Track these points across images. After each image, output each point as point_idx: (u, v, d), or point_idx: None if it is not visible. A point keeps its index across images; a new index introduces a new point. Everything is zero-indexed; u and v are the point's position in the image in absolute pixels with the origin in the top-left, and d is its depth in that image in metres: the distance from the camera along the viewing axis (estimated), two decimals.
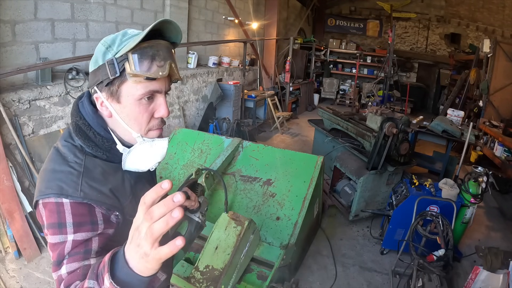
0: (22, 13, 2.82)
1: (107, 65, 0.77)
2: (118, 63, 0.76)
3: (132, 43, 0.74)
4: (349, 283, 2.70)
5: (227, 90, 5.64)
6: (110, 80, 0.77)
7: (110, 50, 0.78)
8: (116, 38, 0.79)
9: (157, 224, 0.51)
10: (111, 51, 0.78)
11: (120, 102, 0.80)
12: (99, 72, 0.78)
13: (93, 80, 0.80)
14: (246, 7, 7.01)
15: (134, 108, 0.81)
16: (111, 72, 0.76)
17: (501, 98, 5.91)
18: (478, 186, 2.80)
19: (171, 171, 2.91)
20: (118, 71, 0.76)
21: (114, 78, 0.77)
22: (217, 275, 1.76)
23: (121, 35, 0.80)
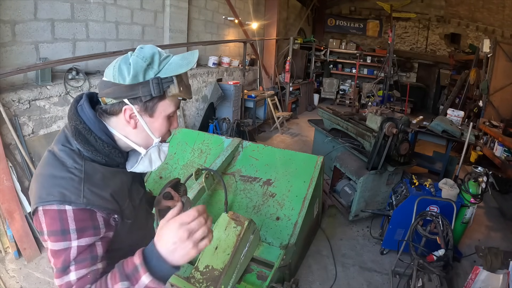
0: (22, 13, 2.82)
1: (151, 84, 0.81)
2: (163, 83, 0.82)
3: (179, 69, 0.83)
4: (349, 283, 2.70)
5: (227, 90, 5.64)
6: (150, 98, 0.82)
7: (151, 68, 0.82)
8: (155, 57, 0.83)
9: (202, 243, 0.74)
10: (152, 70, 0.82)
11: (152, 117, 0.87)
12: (139, 87, 0.81)
13: (126, 93, 0.81)
14: (246, 7, 7.01)
15: (162, 122, 0.89)
16: (155, 91, 0.81)
17: (501, 98, 5.91)
18: (478, 186, 2.80)
19: (171, 171, 2.91)
20: (162, 91, 0.82)
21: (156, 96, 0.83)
22: (217, 275, 1.76)
23: (157, 54, 0.84)
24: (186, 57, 0.85)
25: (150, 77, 0.81)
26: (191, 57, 0.85)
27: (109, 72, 0.83)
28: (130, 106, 0.83)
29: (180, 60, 0.84)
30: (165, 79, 0.82)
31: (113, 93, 0.82)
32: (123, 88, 0.81)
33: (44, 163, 0.82)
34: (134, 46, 4.12)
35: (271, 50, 7.97)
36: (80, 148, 0.83)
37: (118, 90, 0.81)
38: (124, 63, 0.82)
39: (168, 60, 0.85)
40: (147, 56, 0.82)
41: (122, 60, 0.82)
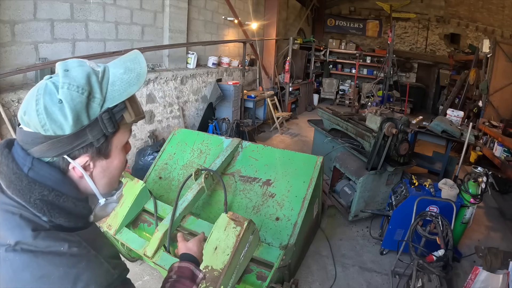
0: (22, 13, 2.82)
1: (102, 121, 0.61)
2: (116, 114, 0.63)
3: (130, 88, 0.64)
4: (349, 283, 2.70)
5: (226, 90, 5.64)
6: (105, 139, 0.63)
7: (94, 99, 0.60)
8: (91, 80, 0.61)
9: None
10: (96, 100, 0.61)
11: (109, 157, 0.67)
12: (85, 132, 0.60)
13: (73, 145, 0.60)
14: (245, 7, 7.01)
15: (121, 156, 0.70)
16: (109, 128, 0.62)
17: (500, 98, 5.92)
18: (477, 186, 2.80)
19: (171, 171, 2.91)
20: (117, 124, 0.64)
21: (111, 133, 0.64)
22: (217, 275, 1.76)
23: (93, 74, 0.62)
24: (131, 68, 0.65)
25: (96, 112, 0.60)
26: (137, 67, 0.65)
27: (31, 120, 0.58)
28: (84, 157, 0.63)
29: (125, 74, 0.64)
30: (116, 108, 0.62)
31: (51, 151, 0.60)
32: (64, 141, 0.59)
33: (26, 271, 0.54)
34: (134, 46, 4.12)
35: (270, 50, 7.97)
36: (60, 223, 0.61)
37: (59, 145, 0.59)
38: (51, 103, 0.57)
39: (106, 78, 0.63)
40: (82, 83, 0.59)
41: (46, 98, 0.58)
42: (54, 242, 0.57)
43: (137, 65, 0.66)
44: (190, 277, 0.90)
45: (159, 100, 4.45)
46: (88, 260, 0.59)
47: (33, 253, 0.55)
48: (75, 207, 0.64)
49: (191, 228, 2.21)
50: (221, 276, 1.74)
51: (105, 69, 0.65)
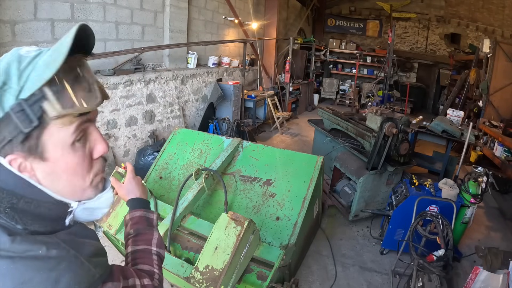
0: (22, 13, 2.82)
1: (13, 115, 0.51)
2: (32, 106, 0.51)
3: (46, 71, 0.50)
4: (349, 283, 2.70)
5: (227, 90, 5.64)
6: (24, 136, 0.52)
7: (7, 90, 0.51)
8: (10, 68, 0.52)
9: None
10: (10, 91, 0.51)
11: (47, 159, 0.56)
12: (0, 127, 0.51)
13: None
14: (246, 7, 7.01)
15: (69, 159, 0.58)
16: (24, 124, 0.51)
17: (501, 98, 5.92)
18: (478, 186, 2.80)
19: (171, 171, 2.91)
20: (35, 118, 0.52)
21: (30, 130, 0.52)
22: (217, 275, 1.76)
23: (15, 62, 0.52)
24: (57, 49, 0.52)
25: (9, 103, 0.51)
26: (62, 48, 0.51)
27: None
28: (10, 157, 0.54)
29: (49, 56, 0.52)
30: (31, 98, 0.51)
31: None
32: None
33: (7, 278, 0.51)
34: (134, 46, 4.12)
35: (271, 50, 7.97)
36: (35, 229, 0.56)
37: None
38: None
39: (34, 64, 0.52)
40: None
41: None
42: (32, 246, 0.53)
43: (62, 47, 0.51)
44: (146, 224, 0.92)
45: (160, 100, 4.45)
46: (69, 262, 0.55)
47: (11, 259, 0.51)
48: (49, 211, 0.59)
49: (191, 228, 2.21)
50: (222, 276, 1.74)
51: (39, 53, 0.54)
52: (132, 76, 3.90)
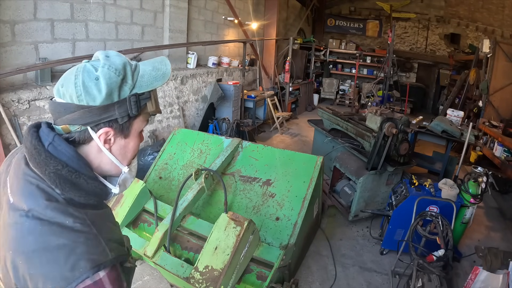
0: (22, 13, 2.82)
1: (130, 102, 0.71)
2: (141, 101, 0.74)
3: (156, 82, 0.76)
4: (349, 283, 2.70)
5: (226, 90, 5.64)
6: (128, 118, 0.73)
7: (126, 83, 0.72)
8: (127, 68, 0.72)
9: None
10: (127, 84, 0.72)
11: (128, 137, 0.77)
12: (115, 108, 0.70)
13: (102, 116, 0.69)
14: (245, 7, 7.01)
15: (137, 140, 0.81)
16: (134, 110, 0.72)
17: (500, 98, 5.92)
18: (477, 186, 2.80)
19: (171, 171, 2.91)
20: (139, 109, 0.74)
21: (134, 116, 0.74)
22: (217, 275, 1.76)
23: (128, 65, 0.73)
24: (158, 68, 0.77)
25: (125, 94, 0.71)
26: (163, 68, 0.77)
27: (67, 91, 0.68)
28: (107, 129, 0.71)
29: (153, 71, 0.76)
30: (142, 96, 0.73)
31: (81, 118, 0.68)
32: (95, 111, 0.68)
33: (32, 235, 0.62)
34: (134, 46, 4.12)
35: (270, 50, 7.97)
36: (71, 196, 0.67)
37: (89, 114, 0.68)
38: (89, 78, 0.67)
39: (138, 70, 0.75)
40: (119, 68, 0.70)
41: (85, 75, 0.67)
42: (61, 215, 0.64)
43: (163, 66, 0.78)
44: None
45: (159, 100, 4.45)
46: (87, 238, 0.64)
47: (40, 221, 0.62)
48: (86, 184, 0.70)
49: (191, 228, 2.21)
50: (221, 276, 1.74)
51: (137, 64, 0.77)
52: None
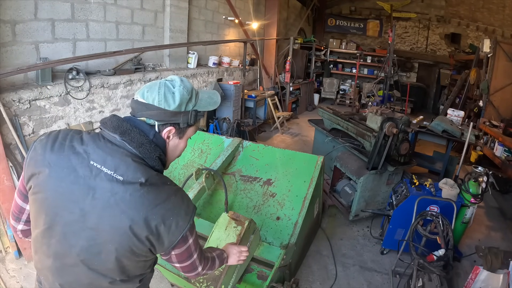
0: (22, 13, 2.82)
1: (191, 115, 1.01)
2: (197, 115, 1.03)
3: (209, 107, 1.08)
4: (349, 283, 2.70)
5: (227, 90, 5.64)
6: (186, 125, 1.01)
7: (191, 102, 1.01)
8: (193, 92, 1.02)
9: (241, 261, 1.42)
10: (191, 102, 1.01)
11: (181, 139, 1.04)
12: (180, 115, 0.98)
13: (170, 118, 0.97)
14: (246, 7, 7.01)
15: (185, 144, 1.08)
16: (191, 121, 1.01)
17: (501, 98, 5.91)
18: (478, 186, 2.80)
19: (171, 171, 2.92)
20: (195, 120, 1.03)
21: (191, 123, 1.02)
22: (217, 275, 1.77)
23: (194, 90, 1.03)
24: (212, 97, 1.10)
25: (189, 108, 1.00)
26: (216, 98, 1.11)
27: (151, 96, 0.95)
28: (171, 128, 0.98)
29: (208, 98, 1.08)
30: (200, 113, 1.04)
31: (157, 116, 0.95)
32: (168, 113, 0.96)
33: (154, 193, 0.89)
34: (135, 46, 4.12)
35: (271, 50, 7.97)
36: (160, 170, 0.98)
37: (163, 114, 0.95)
38: (168, 92, 0.96)
39: (199, 95, 1.04)
40: (190, 90, 1.00)
41: (166, 89, 0.96)
42: (164, 179, 0.95)
43: (215, 97, 1.12)
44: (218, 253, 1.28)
45: None
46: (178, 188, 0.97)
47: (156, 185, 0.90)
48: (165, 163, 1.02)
49: None
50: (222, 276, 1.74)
51: (198, 91, 1.06)
52: (133, 76, 3.90)
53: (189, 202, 0.96)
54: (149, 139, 0.94)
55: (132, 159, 0.90)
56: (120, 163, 0.88)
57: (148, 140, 0.94)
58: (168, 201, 0.90)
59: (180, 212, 0.91)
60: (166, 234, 0.90)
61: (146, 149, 0.93)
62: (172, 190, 0.93)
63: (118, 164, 0.88)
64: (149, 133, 0.95)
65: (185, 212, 0.93)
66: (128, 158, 0.89)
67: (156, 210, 0.87)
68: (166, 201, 0.89)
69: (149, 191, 0.87)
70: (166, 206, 0.89)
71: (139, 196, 0.86)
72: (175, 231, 0.91)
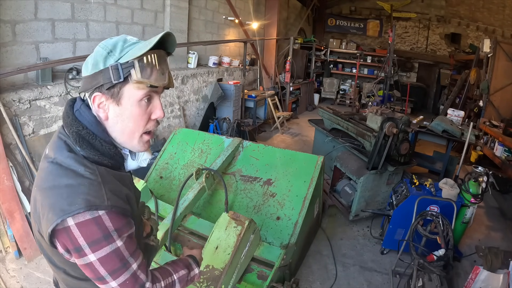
0: (22, 13, 2.82)
1: (111, 70, 0.79)
2: (123, 69, 0.80)
3: (138, 51, 0.80)
4: (349, 283, 2.70)
5: (227, 90, 5.64)
6: (112, 84, 0.80)
7: (111, 55, 0.81)
8: (117, 44, 0.82)
9: None
10: (112, 56, 0.81)
11: (120, 104, 0.83)
12: (100, 75, 0.80)
13: (91, 83, 0.81)
14: (246, 7, 7.01)
15: (134, 110, 0.84)
16: (115, 77, 0.79)
17: (501, 98, 5.91)
18: (478, 186, 2.80)
19: (171, 171, 2.92)
20: (122, 76, 0.80)
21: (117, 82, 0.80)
22: (218, 275, 1.77)
23: (122, 41, 0.83)
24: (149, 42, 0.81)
25: (109, 63, 0.80)
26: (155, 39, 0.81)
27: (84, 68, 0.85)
28: (97, 93, 0.81)
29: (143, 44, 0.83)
30: (125, 64, 0.80)
31: (83, 87, 0.84)
32: (88, 79, 0.82)
33: (51, 175, 0.78)
34: None
35: (271, 50, 7.97)
36: (85, 154, 0.81)
37: (85, 82, 0.82)
38: (89, 56, 0.83)
39: (134, 46, 0.83)
40: (109, 44, 0.82)
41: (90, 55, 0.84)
42: (76, 164, 0.78)
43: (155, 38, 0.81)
44: (186, 264, 1.04)
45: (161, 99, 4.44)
46: (91, 183, 0.77)
47: (60, 166, 0.78)
48: (101, 145, 0.83)
49: (192, 228, 2.22)
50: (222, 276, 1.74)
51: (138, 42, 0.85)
52: None
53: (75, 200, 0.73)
54: (69, 113, 0.84)
55: (59, 136, 0.84)
56: (53, 137, 0.86)
57: (68, 113, 0.84)
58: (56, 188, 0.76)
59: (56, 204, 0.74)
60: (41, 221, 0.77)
61: (66, 124, 0.84)
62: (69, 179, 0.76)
63: (52, 139, 0.86)
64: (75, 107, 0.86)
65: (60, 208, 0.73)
66: (59, 134, 0.85)
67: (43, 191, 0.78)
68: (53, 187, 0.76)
69: (51, 171, 0.79)
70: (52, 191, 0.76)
71: (42, 172, 0.81)
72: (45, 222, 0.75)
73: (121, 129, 0.85)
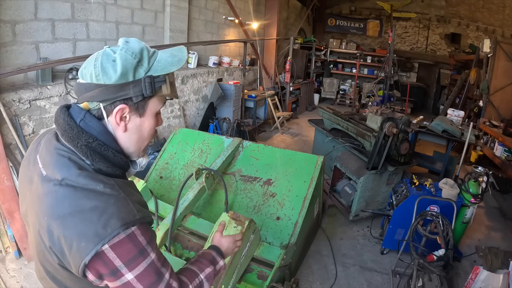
0: (22, 13, 2.82)
1: (144, 83, 0.76)
2: (156, 83, 0.78)
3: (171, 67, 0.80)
4: (349, 283, 2.70)
5: (227, 90, 5.64)
6: (142, 98, 0.78)
7: (141, 66, 0.77)
8: (143, 52, 0.78)
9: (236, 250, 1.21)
10: (142, 67, 0.77)
11: (142, 116, 0.82)
12: (129, 87, 0.75)
13: (116, 94, 0.75)
14: (246, 7, 7.01)
15: (152, 121, 0.84)
16: (148, 91, 0.77)
17: (501, 98, 5.91)
18: (478, 186, 2.80)
19: (171, 171, 2.91)
20: (154, 90, 0.78)
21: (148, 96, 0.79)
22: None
23: (145, 49, 0.79)
24: (175, 54, 0.82)
25: (140, 75, 0.76)
26: (180, 54, 0.82)
27: (88, 72, 0.75)
28: (123, 106, 0.76)
29: (170, 57, 0.81)
30: (157, 78, 0.78)
31: (99, 96, 0.74)
32: (111, 89, 0.74)
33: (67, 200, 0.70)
34: None
35: (271, 50, 7.97)
36: (97, 167, 0.75)
37: (106, 92, 0.74)
38: (107, 60, 0.74)
39: (155, 56, 0.80)
40: (136, 51, 0.76)
41: (104, 58, 0.74)
42: (92, 182, 0.71)
43: (180, 53, 0.83)
44: (210, 259, 1.02)
45: None
46: (117, 199, 0.72)
47: (74, 188, 0.70)
48: (113, 156, 0.78)
49: (192, 228, 2.21)
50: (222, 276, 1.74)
51: (155, 51, 0.82)
52: None
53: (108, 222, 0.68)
54: (72, 124, 0.75)
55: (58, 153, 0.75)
56: (47, 155, 0.76)
57: (71, 125, 0.75)
58: (79, 213, 0.68)
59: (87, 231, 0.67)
60: (68, 253, 0.69)
61: (70, 138, 0.74)
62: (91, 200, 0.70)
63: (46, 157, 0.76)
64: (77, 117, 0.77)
65: (94, 233, 0.67)
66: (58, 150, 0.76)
67: (61, 219, 0.69)
68: (76, 213, 0.68)
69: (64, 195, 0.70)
70: (75, 218, 0.68)
71: (51, 198, 0.71)
72: (76, 253, 0.67)
73: (136, 139, 0.83)
